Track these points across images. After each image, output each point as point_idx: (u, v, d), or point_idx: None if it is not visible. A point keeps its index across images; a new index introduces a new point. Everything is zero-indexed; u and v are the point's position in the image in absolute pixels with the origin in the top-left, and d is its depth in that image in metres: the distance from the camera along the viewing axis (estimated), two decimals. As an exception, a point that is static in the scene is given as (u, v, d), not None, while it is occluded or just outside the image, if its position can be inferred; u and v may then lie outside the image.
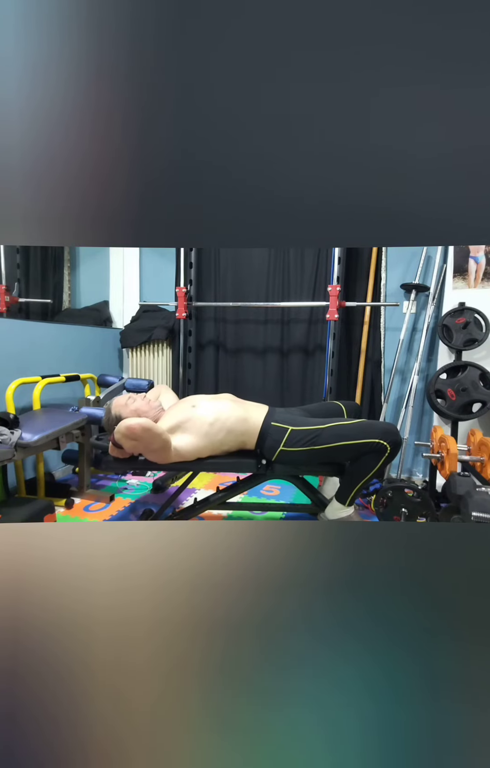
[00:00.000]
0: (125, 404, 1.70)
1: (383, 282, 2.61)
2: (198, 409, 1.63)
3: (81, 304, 3.11)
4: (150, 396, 1.84)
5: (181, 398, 1.88)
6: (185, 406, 1.67)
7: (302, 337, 2.81)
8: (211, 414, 1.61)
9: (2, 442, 1.60)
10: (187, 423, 1.60)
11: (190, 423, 1.60)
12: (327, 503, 1.72)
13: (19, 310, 2.54)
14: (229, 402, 1.68)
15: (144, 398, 1.73)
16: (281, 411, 1.72)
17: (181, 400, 1.82)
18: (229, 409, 1.63)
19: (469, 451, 1.90)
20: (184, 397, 1.83)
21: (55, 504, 1.84)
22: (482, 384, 2.16)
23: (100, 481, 2.54)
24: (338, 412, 1.83)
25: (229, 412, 1.62)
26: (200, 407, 1.64)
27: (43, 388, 2.11)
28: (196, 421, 1.60)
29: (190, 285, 2.86)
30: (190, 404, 1.67)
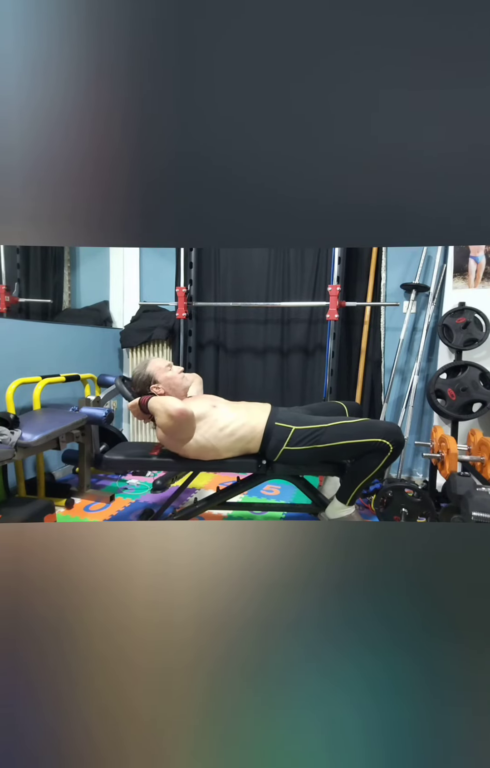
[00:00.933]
0: (163, 368, 1.73)
1: (383, 282, 2.60)
2: (217, 410, 1.65)
3: (81, 304, 3.10)
4: (188, 377, 1.85)
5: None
6: (206, 403, 1.68)
7: (302, 337, 2.81)
8: (225, 420, 1.62)
9: (2, 442, 1.60)
10: (202, 420, 1.61)
11: (204, 421, 1.61)
12: (327, 503, 1.72)
13: (19, 310, 2.54)
14: (244, 411, 1.68)
15: (181, 373, 1.76)
16: (283, 410, 1.72)
17: (203, 396, 1.84)
18: (242, 418, 1.64)
19: (469, 451, 1.90)
20: (208, 394, 1.84)
21: (55, 504, 1.84)
22: (482, 384, 2.16)
23: (101, 481, 2.54)
24: (340, 412, 1.83)
25: (241, 420, 1.63)
26: (219, 409, 1.66)
27: (43, 388, 2.11)
28: (210, 420, 1.61)
29: (190, 285, 2.86)
30: (211, 403, 1.69)
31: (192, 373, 2.06)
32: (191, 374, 2.03)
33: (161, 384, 1.71)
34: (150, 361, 1.76)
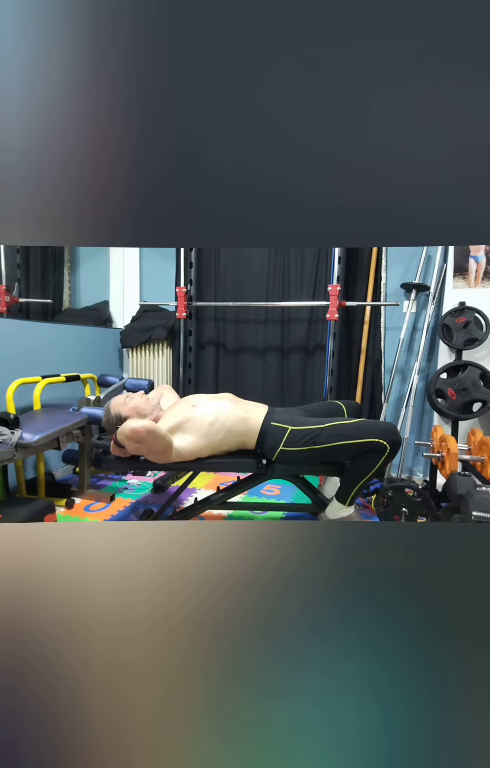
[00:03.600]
0: (123, 403, 1.70)
1: (383, 281, 2.60)
2: (198, 408, 1.63)
3: (81, 304, 3.10)
4: (152, 396, 1.84)
5: (181, 398, 1.88)
6: (185, 406, 1.67)
7: (302, 337, 2.81)
8: (211, 414, 1.61)
9: (3, 442, 1.60)
10: (187, 423, 1.60)
11: (190, 423, 1.60)
12: (327, 503, 1.72)
13: (19, 310, 2.54)
14: (229, 402, 1.68)
15: (142, 396, 1.73)
16: (280, 411, 1.72)
17: (181, 399, 1.82)
18: (229, 409, 1.62)
19: (469, 451, 1.90)
20: (184, 397, 1.83)
21: (55, 504, 1.84)
22: (482, 383, 2.16)
23: (101, 481, 2.54)
24: (339, 412, 1.83)
25: (229, 411, 1.62)
26: (200, 407, 1.64)
27: (43, 388, 2.11)
28: (196, 420, 1.60)
29: (190, 285, 2.86)
30: (191, 404, 1.67)
31: (158, 387, 2.04)
32: (157, 389, 2.00)
33: (131, 416, 1.66)
34: (109, 404, 1.73)
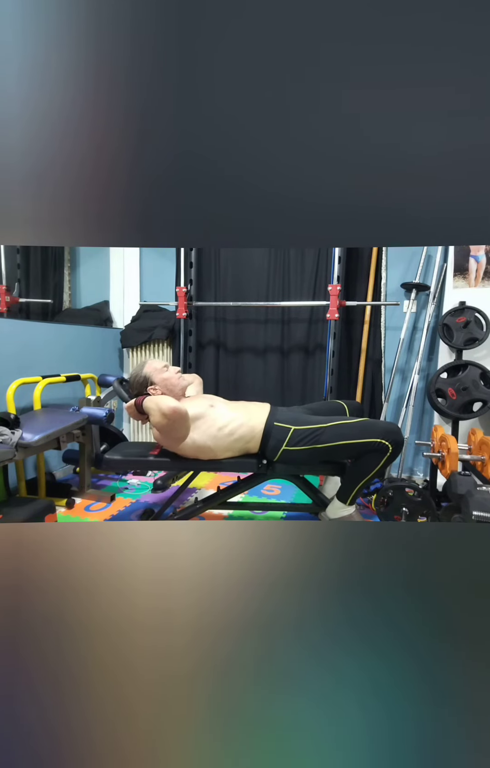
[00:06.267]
0: (160, 369, 1.73)
1: (383, 281, 2.60)
2: (214, 409, 1.65)
3: (81, 304, 3.10)
4: (186, 378, 1.85)
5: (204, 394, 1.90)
6: (204, 403, 1.68)
7: (302, 337, 2.81)
8: (223, 419, 1.62)
9: (3, 442, 1.60)
10: (200, 420, 1.61)
11: (202, 421, 1.61)
12: (328, 503, 1.72)
13: (19, 310, 2.54)
14: (243, 411, 1.68)
15: (178, 373, 1.76)
16: (283, 410, 1.72)
17: (202, 395, 1.84)
18: (241, 418, 1.64)
19: (470, 451, 1.90)
20: (206, 394, 1.84)
21: (56, 504, 1.84)
22: (482, 383, 2.16)
23: (101, 481, 2.54)
24: (341, 411, 1.83)
25: (240, 420, 1.63)
26: (217, 408, 1.65)
27: (43, 388, 2.11)
28: (208, 420, 1.61)
29: (191, 285, 2.86)
30: (209, 403, 1.68)
31: (191, 374, 2.06)
32: (191, 375, 2.03)
33: (158, 385, 1.71)
34: (147, 363, 1.77)
